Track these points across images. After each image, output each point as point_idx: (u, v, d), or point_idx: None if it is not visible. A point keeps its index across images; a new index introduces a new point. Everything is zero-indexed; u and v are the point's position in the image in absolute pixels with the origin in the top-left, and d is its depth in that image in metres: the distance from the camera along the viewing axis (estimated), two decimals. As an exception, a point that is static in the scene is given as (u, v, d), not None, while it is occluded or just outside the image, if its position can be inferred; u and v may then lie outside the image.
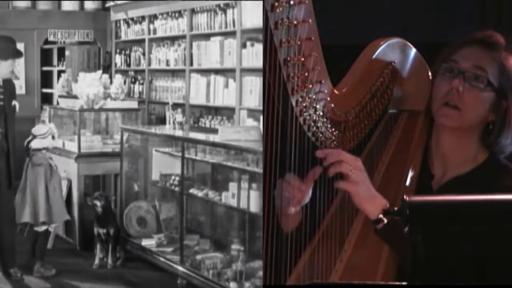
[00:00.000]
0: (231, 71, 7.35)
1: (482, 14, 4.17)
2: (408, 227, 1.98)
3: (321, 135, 2.56)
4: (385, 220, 2.43)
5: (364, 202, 2.48)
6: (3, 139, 6.10)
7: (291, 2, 2.33)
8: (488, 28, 4.09)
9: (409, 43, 2.77)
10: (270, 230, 2.49)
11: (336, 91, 2.56)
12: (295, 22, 2.35)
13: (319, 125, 2.53)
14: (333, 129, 2.58)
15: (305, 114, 2.49)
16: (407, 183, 2.64)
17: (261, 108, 6.60)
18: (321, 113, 2.52)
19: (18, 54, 6.42)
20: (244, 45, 7.24)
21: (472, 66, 2.54)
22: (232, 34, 7.43)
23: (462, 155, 2.64)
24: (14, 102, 6.26)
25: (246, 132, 5.74)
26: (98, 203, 6.64)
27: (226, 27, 7.55)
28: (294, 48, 2.37)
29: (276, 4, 2.30)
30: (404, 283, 2.08)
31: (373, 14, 4.10)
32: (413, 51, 2.77)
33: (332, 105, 2.54)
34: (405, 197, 1.97)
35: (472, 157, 2.65)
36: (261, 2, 2.33)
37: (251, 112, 7.09)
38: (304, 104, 2.47)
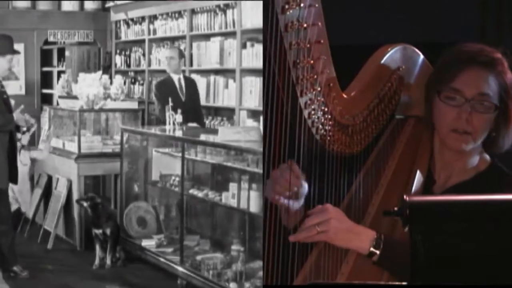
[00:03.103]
0: (231, 71, 7.37)
1: (482, 14, 4.18)
2: (408, 227, 1.99)
3: (328, 138, 2.57)
4: (378, 252, 2.46)
5: (347, 243, 2.51)
6: (10, 143, 6.12)
7: (301, 5, 2.34)
8: (488, 28, 4.13)
9: (416, 49, 2.78)
10: (270, 230, 2.50)
11: (344, 95, 2.58)
12: (305, 25, 2.36)
13: (327, 128, 2.55)
14: (340, 133, 2.60)
15: (313, 116, 2.50)
16: (414, 188, 2.65)
17: (261, 108, 6.61)
18: (329, 116, 2.54)
19: (15, 51, 6.43)
20: (244, 46, 7.25)
21: (477, 94, 2.51)
22: (232, 34, 7.44)
23: (465, 162, 2.65)
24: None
25: (246, 132, 5.74)
26: (84, 204, 6.67)
27: (226, 27, 7.56)
28: (303, 51, 2.39)
29: (287, 6, 2.32)
30: (404, 283, 2.08)
31: (373, 15, 4.11)
32: (420, 57, 2.78)
33: (340, 109, 2.56)
34: (405, 197, 1.98)
35: (474, 163, 2.66)
36: (261, 2, 2.34)
37: (251, 113, 7.10)
38: (312, 107, 2.48)
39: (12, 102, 6.28)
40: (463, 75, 2.54)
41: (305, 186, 2.59)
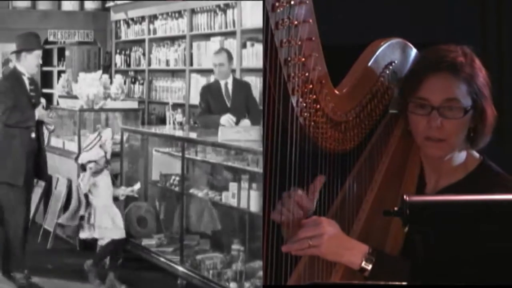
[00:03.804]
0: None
1: (482, 14, 4.16)
2: (408, 227, 1.98)
3: (321, 136, 2.56)
4: (369, 268, 2.44)
5: (338, 258, 2.49)
6: (36, 139, 6.12)
7: (292, 2, 2.33)
8: (488, 28, 4.12)
9: (409, 43, 2.77)
10: (270, 230, 2.49)
11: (336, 91, 2.56)
12: (296, 22, 2.35)
13: (319, 125, 2.53)
14: (333, 130, 2.58)
15: (305, 114, 2.49)
16: (408, 183, 2.64)
17: (261, 108, 6.60)
18: (322, 113, 2.52)
19: (41, 46, 6.45)
20: (244, 45, 7.25)
21: (444, 100, 2.48)
22: (232, 34, 7.44)
23: (450, 161, 2.63)
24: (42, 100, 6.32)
25: (246, 132, 5.73)
26: None
27: (226, 27, 7.57)
28: (294, 48, 2.38)
29: (277, 4, 2.30)
30: (404, 283, 2.07)
31: (372, 14, 4.09)
32: (413, 51, 2.76)
33: (333, 105, 2.54)
34: (405, 197, 1.96)
35: (461, 161, 2.64)
36: (261, 2, 2.32)
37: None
38: (304, 104, 2.47)
39: (43, 101, 6.29)
40: (427, 83, 2.51)
41: (313, 207, 2.59)
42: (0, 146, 6.04)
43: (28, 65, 6.12)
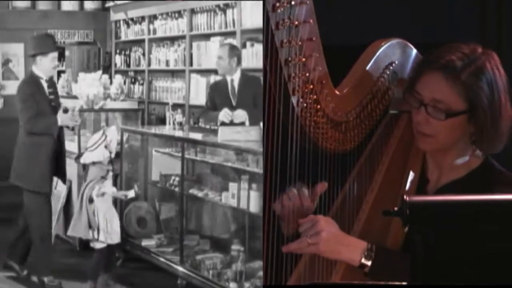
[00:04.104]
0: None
1: (482, 14, 4.16)
2: (408, 227, 1.98)
3: (322, 136, 2.57)
4: (369, 264, 2.45)
5: (337, 255, 2.50)
6: (57, 141, 6.10)
7: (292, 3, 2.33)
8: (487, 28, 4.12)
9: (409, 44, 2.77)
10: (270, 230, 2.49)
11: (337, 92, 2.57)
12: (296, 23, 2.36)
13: (320, 125, 2.54)
14: (334, 130, 2.59)
15: (306, 114, 2.50)
16: (408, 183, 2.64)
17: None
18: (322, 114, 2.53)
19: (57, 47, 6.40)
20: (244, 45, 7.24)
21: (432, 99, 2.49)
22: (232, 34, 7.44)
23: (452, 159, 2.63)
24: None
25: (246, 132, 5.73)
26: None
27: (226, 27, 7.56)
28: (295, 49, 2.38)
29: (277, 4, 2.31)
30: (404, 283, 2.07)
31: (372, 14, 4.09)
32: (413, 51, 2.77)
33: (333, 106, 2.55)
34: (405, 197, 1.97)
35: (465, 161, 2.64)
36: (261, 2, 2.33)
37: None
38: (304, 105, 2.48)
39: (62, 102, 6.27)
40: (422, 78, 2.53)
41: (312, 209, 2.61)
42: (26, 154, 6.00)
43: (45, 68, 6.06)
